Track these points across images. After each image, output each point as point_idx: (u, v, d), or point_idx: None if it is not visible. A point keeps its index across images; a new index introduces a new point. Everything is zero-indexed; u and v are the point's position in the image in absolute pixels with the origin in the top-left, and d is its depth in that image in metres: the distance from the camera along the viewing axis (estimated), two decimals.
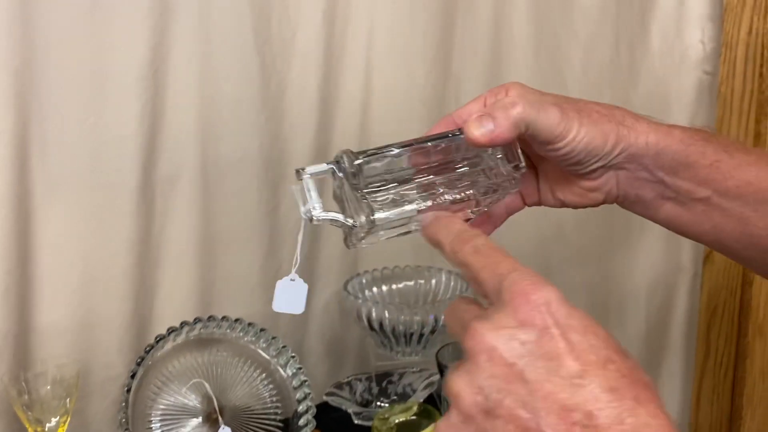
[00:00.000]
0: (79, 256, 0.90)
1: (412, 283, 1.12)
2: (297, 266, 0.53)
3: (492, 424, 0.35)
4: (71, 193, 0.89)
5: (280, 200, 1.02)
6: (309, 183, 0.48)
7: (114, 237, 0.91)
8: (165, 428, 0.91)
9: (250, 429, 0.91)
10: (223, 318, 0.93)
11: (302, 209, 0.48)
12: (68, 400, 0.83)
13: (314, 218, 0.49)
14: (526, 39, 1.06)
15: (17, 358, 0.86)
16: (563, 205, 0.53)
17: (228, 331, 0.92)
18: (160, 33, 0.89)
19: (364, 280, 1.10)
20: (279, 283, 0.55)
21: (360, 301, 1.02)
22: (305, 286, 0.54)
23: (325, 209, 0.49)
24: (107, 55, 0.87)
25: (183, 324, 0.92)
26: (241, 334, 0.92)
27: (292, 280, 0.54)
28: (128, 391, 0.89)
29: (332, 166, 0.49)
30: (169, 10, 0.89)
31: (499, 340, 0.36)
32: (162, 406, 0.91)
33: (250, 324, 0.93)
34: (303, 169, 0.49)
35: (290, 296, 0.55)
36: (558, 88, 1.03)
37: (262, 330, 0.93)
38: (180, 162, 0.94)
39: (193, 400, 0.92)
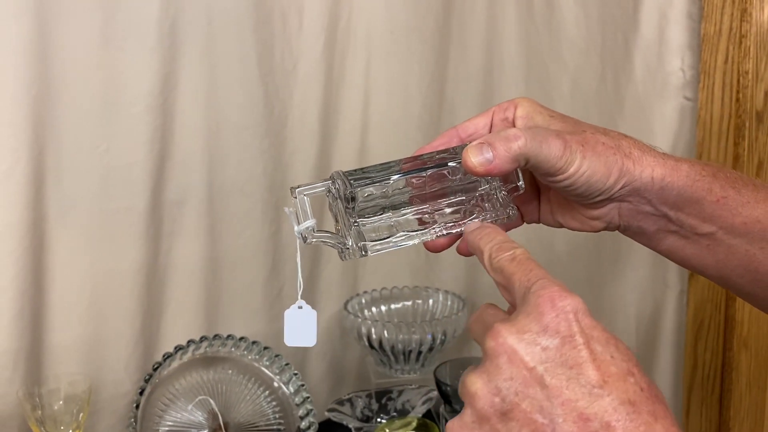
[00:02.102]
0: (89, 276, 0.93)
1: (410, 303, 1.15)
2: (301, 291, 0.52)
3: (506, 426, 0.35)
4: (83, 216, 0.92)
5: (283, 222, 1.06)
6: (304, 202, 0.47)
7: (123, 258, 0.94)
8: None
9: None
10: (228, 336, 0.95)
11: (296, 229, 0.47)
12: (80, 415, 0.85)
13: (308, 239, 0.48)
14: (517, 68, 1.10)
15: (31, 375, 0.88)
16: (562, 227, 0.53)
17: (233, 349, 0.94)
18: (168, 64, 0.93)
19: (363, 300, 1.12)
20: (287, 314, 0.52)
21: (360, 320, 1.04)
22: (314, 314, 0.52)
23: (319, 229, 0.48)
24: (118, 85, 0.91)
25: (189, 342, 0.94)
26: (246, 352, 0.95)
27: (299, 307, 0.52)
28: (137, 407, 0.91)
29: (327, 185, 0.48)
30: (177, 43, 0.93)
31: (521, 344, 0.35)
32: (169, 422, 0.94)
33: (254, 342, 0.95)
34: (297, 188, 0.48)
35: (300, 326, 0.52)
36: None
37: (265, 348, 0.95)
38: (187, 186, 0.98)
39: (199, 417, 0.94)
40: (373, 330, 1.03)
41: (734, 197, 0.47)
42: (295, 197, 0.47)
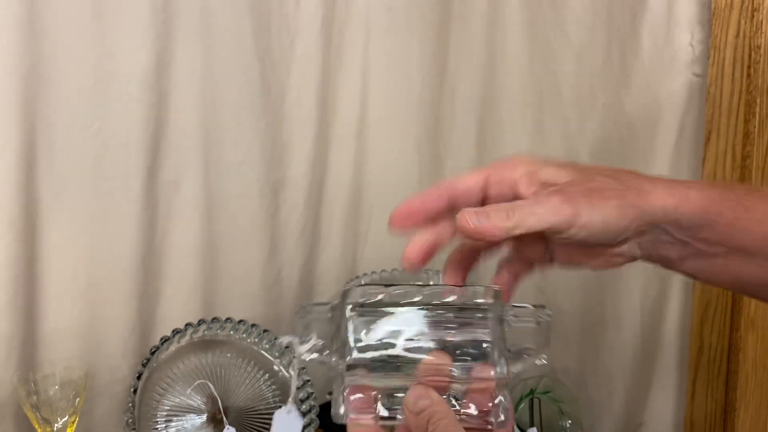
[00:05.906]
0: (84, 259, 0.91)
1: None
2: (292, 395, 0.53)
3: None
4: (76, 198, 0.90)
5: (281, 204, 1.04)
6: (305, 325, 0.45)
7: (118, 241, 0.93)
8: (170, 428, 0.92)
9: (254, 429, 0.92)
10: (227, 320, 0.94)
11: (298, 349, 0.45)
12: (77, 400, 0.84)
13: (302, 357, 0.46)
14: (520, 44, 1.07)
15: (25, 360, 0.87)
16: (581, 267, 0.50)
17: (231, 332, 0.93)
18: (163, 41, 0.90)
19: (363, 282, 1.11)
20: (277, 414, 0.53)
21: None
22: (300, 421, 0.53)
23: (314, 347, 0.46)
24: (111, 62, 0.89)
25: (187, 326, 0.93)
26: (245, 335, 0.93)
27: (288, 412, 0.53)
28: (135, 392, 0.90)
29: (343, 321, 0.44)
30: (171, 19, 0.91)
31: None
32: (167, 407, 0.92)
33: (253, 325, 0.94)
34: (306, 308, 0.45)
35: (286, 428, 0.52)
36: (552, 92, 1.06)
37: (265, 331, 0.94)
38: (183, 167, 0.96)
39: (197, 401, 0.93)
40: None
41: (745, 217, 0.48)
42: (302, 317, 0.45)
